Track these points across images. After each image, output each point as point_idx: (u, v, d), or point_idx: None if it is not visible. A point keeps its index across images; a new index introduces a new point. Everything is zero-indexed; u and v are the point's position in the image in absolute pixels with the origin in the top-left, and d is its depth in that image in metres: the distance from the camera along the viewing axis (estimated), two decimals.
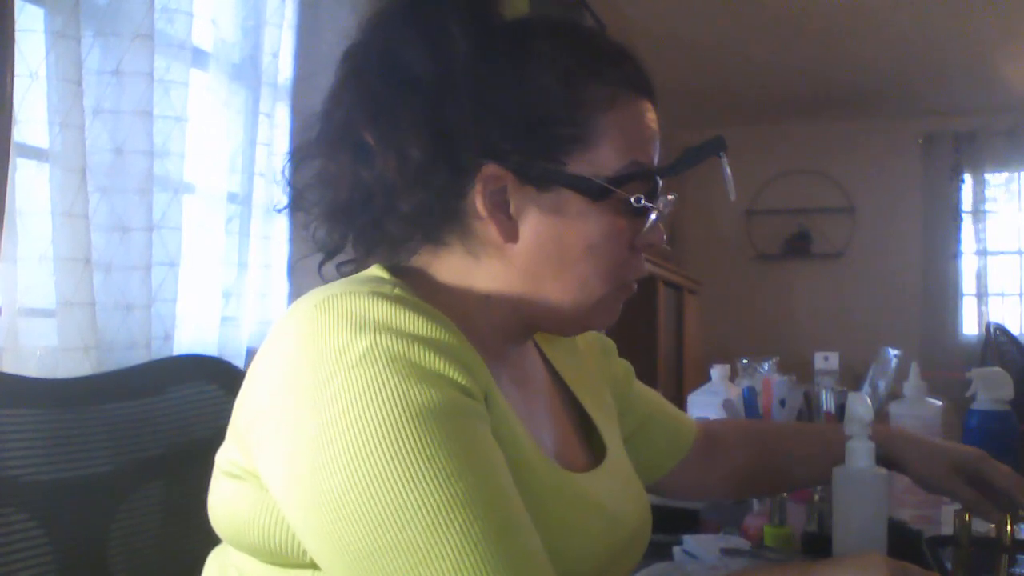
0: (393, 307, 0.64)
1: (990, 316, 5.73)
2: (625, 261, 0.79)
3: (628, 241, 0.78)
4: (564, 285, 0.77)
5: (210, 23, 1.68)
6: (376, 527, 0.57)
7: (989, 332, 5.11)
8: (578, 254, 0.76)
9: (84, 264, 1.33)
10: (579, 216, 0.75)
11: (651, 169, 0.79)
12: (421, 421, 0.59)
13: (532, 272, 0.76)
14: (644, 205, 0.77)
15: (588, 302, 0.78)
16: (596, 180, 0.75)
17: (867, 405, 1.00)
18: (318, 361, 0.61)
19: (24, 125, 1.30)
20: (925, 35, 4.50)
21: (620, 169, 0.76)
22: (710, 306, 5.05)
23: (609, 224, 0.76)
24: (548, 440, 0.82)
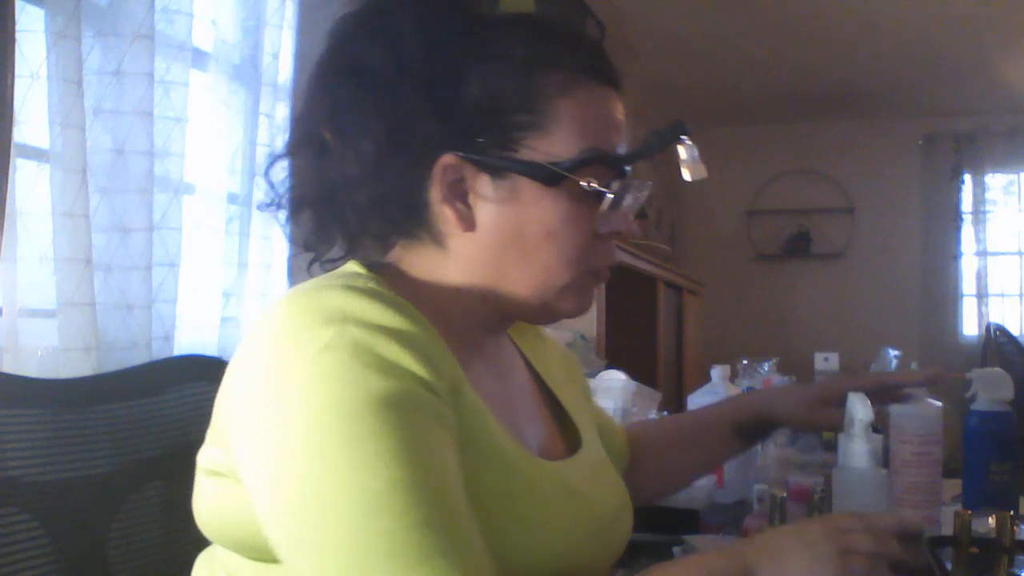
0: (362, 299, 0.66)
1: (990, 317, 5.73)
2: (589, 247, 0.79)
3: (590, 227, 0.78)
4: (527, 272, 0.78)
5: (210, 24, 1.68)
6: (322, 508, 0.59)
7: (989, 333, 5.11)
8: (538, 241, 0.77)
9: (84, 264, 1.33)
10: (535, 202, 0.76)
11: (608, 154, 0.78)
12: (376, 409, 0.61)
13: (496, 260, 0.78)
14: (596, 189, 0.77)
15: (553, 289, 0.79)
16: (548, 165, 0.75)
17: (867, 405, 1.00)
18: (284, 352, 0.63)
19: (24, 125, 1.30)
20: (925, 35, 4.50)
21: (575, 155, 0.76)
22: (710, 306, 5.06)
23: (567, 210, 0.77)
24: (530, 429, 0.83)
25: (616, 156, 0.79)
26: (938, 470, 1.32)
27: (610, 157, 0.78)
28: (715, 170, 6.29)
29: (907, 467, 1.30)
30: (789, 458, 1.51)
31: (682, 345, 4.10)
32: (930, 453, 1.31)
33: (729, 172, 6.26)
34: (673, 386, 3.84)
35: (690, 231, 6.29)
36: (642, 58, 4.81)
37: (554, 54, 0.77)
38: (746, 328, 5.81)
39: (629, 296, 3.27)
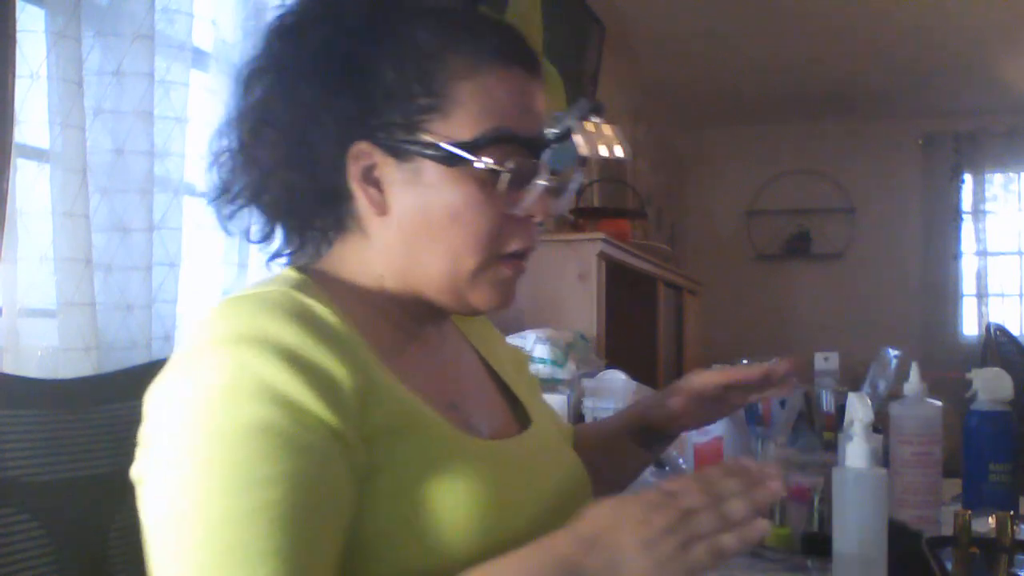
0: (271, 316, 0.68)
1: (990, 316, 5.73)
2: (498, 230, 0.79)
3: (496, 209, 0.78)
4: (436, 256, 0.79)
5: (210, 24, 1.68)
6: (178, 528, 0.62)
7: (989, 332, 5.10)
8: (444, 222, 0.78)
9: (85, 264, 1.33)
10: (439, 184, 0.77)
11: (509, 135, 0.78)
12: (245, 438, 0.63)
13: (409, 245, 0.79)
14: (490, 168, 0.76)
15: (463, 273, 0.79)
16: (446, 146, 0.76)
17: (867, 405, 1.00)
18: (180, 370, 0.67)
19: (24, 126, 1.30)
20: (926, 35, 4.50)
21: (474, 135, 0.77)
22: (710, 306, 5.05)
23: (471, 192, 0.77)
24: (479, 411, 0.85)
25: (517, 136, 0.78)
26: (938, 470, 1.32)
27: (510, 137, 0.78)
28: (715, 170, 6.32)
29: (907, 467, 1.30)
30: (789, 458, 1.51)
31: (682, 345, 4.10)
32: (930, 453, 1.31)
33: (729, 172, 6.26)
34: None
35: (690, 231, 6.29)
36: (642, 58, 4.81)
37: (458, 39, 0.79)
38: (746, 328, 5.80)
39: (629, 296, 3.27)
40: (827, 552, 0.99)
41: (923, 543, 1.01)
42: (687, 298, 4.18)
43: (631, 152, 0.78)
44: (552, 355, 2.24)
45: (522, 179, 0.79)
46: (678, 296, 4.03)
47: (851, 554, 0.94)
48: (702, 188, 6.35)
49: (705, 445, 1.64)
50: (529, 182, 0.79)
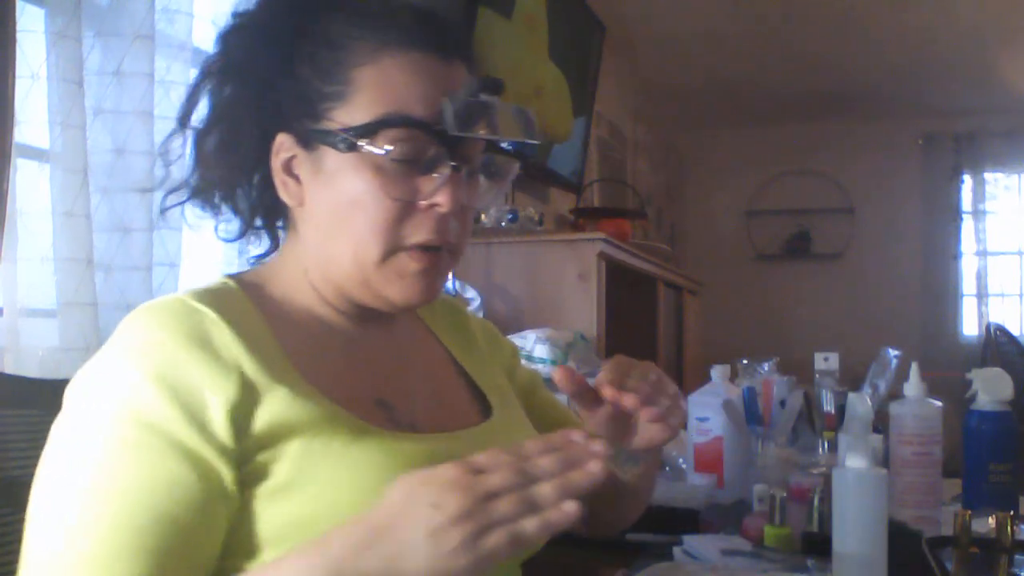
0: (160, 332, 0.71)
1: (990, 316, 5.73)
2: (397, 220, 0.77)
3: (397, 196, 0.76)
4: (343, 246, 0.78)
5: (210, 24, 1.68)
6: (38, 514, 0.68)
7: (989, 333, 5.11)
8: (347, 210, 0.77)
9: (85, 264, 1.33)
10: (339, 172, 0.78)
11: (405, 118, 0.76)
12: (104, 448, 0.67)
13: (321, 236, 0.80)
14: (371, 152, 0.76)
15: (368, 265, 0.78)
16: (341, 132, 0.76)
17: (867, 405, 1.00)
18: (81, 375, 0.72)
19: (25, 126, 1.31)
20: (925, 35, 4.50)
21: (368, 120, 0.76)
22: (710, 306, 5.05)
23: (367, 179, 0.76)
24: (420, 407, 0.83)
25: (411, 119, 0.76)
26: (938, 470, 1.32)
27: (404, 121, 0.76)
28: (715, 170, 6.31)
29: (907, 467, 1.30)
30: (789, 458, 1.51)
31: (682, 345, 4.09)
32: (930, 453, 1.31)
33: (729, 172, 6.26)
34: None
35: (690, 231, 6.29)
36: (642, 58, 4.81)
37: (363, 26, 0.79)
38: (746, 328, 5.80)
39: (629, 296, 3.27)
40: (827, 552, 1.00)
41: (923, 543, 1.01)
42: (687, 298, 4.18)
43: (543, 137, 0.73)
44: (552, 355, 2.24)
45: (423, 166, 0.77)
46: (678, 296, 4.03)
47: (851, 554, 0.94)
48: (702, 188, 6.35)
49: (705, 445, 1.65)
50: (433, 169, 0.77)
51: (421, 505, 0.60)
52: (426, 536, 0.59)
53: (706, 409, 1.65)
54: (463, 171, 0.78)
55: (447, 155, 0.77)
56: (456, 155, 0.77)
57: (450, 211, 0.77)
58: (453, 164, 0.77)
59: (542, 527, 0.60)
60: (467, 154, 0.79)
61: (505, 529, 0.59)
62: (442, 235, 0.78)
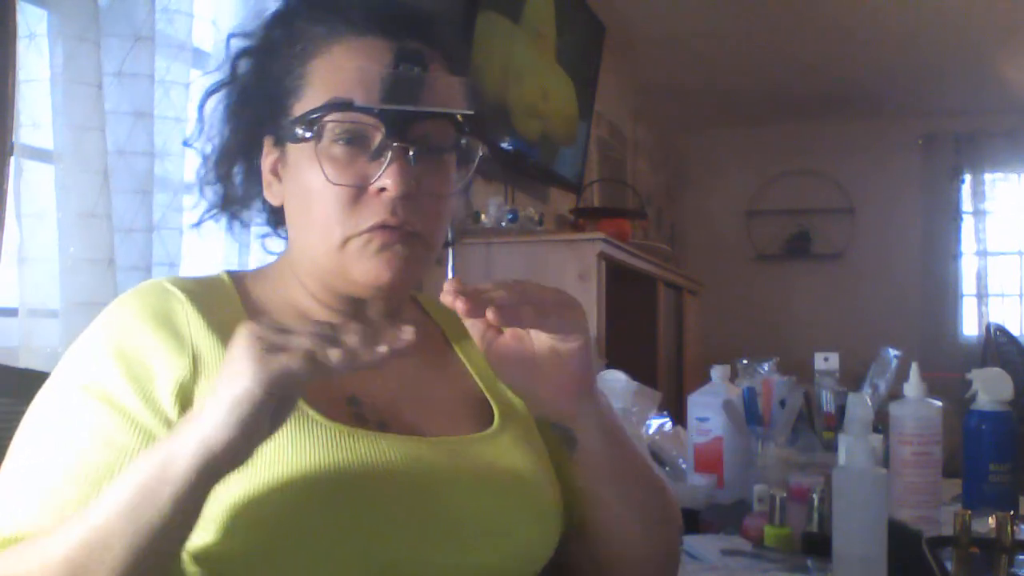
0: (123, 318, 0.75)
1: (990, 317, 5.73)
2: (352, 205, 0.76)
3: (346, 182, 0.76)
4: (309, 235, 0.79)
5: (210, 24, 1.68)
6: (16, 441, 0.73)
7: (989, 333, 5.11)
8: (305, 200, 0.79)
9: (88, 264, 1.33)
10: (297, 163, 0.79)
11: (345, 103, 0.75)
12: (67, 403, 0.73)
13: (295, 228, 0.82)
14: (332, 137, 0.76)
15: (332, 249, 0.77)
16: (292, 124, 0.78)
17: (867, 406, 1.00)
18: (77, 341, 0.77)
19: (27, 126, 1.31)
20: (925, 35, 4.50)
21: (312, 108, 0.77)
22: (710, 306, 5.05)
23: (319, 167, 0.76)
24: (387, 404, 0.80)
25: (351, 104, 0.75)
26: (938, 470, 1.32)
27: (345, 106, 0.75)
28: (715, 170, 6.31)
29: (907, 467, 1.31)
30: (789, 458, 1.51)
31: (682, 345, 4.09)
32: (930, 453, 1.31)
33: (729, 172, 6.26)
34: (673, 386, 3.84)
35: (690, 231, 6.29)
36: (642, 58, 4.81)
37: (319, 19, 0.80)
38: (746, 328, 5.80)
39: (629, 296, 3.27)
40: (827, 552, 1.00)
41: (923, 543, 1.01)
42: (687, 298, 4.18)
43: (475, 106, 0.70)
44: None
45: (373, 152, 0.76)
46: (678, 296, 4.03)
47: (851, 554, 0.94)
48: (702, 188, 6.35)
49: (705, 445, 1.65)
50: (381, 154, 0.76)
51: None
52: (224, 379, 0.61)
53: (706, 409, 1.65)
54: (410, 152, 0.76)
55: (388, 135, 0.76)
56: (398, 135, 0.76)
57: (398, 194, 0.75)
58: (395, 144, 0.75)
59: (344, 355, 0.60)
60: (414, 135, 0.76)
61: (299, 351, 0.60)
62: (396, 217, 0.76)
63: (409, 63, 0.77)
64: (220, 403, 0.60)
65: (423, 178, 0.77)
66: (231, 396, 0.59)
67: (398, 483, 0.74)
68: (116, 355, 0.73)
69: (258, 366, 0.59)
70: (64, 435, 0.71)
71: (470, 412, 0.87)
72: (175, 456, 0.61)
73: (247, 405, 0.59)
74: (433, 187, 0.79)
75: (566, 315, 0.75)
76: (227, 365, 0.61)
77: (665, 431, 1.81)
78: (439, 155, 0.80)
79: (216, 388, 0.61)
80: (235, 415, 0.59)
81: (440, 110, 0.77)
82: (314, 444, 0.72)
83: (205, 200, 0.88)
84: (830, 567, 0.98)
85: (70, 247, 1.32)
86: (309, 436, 0.73)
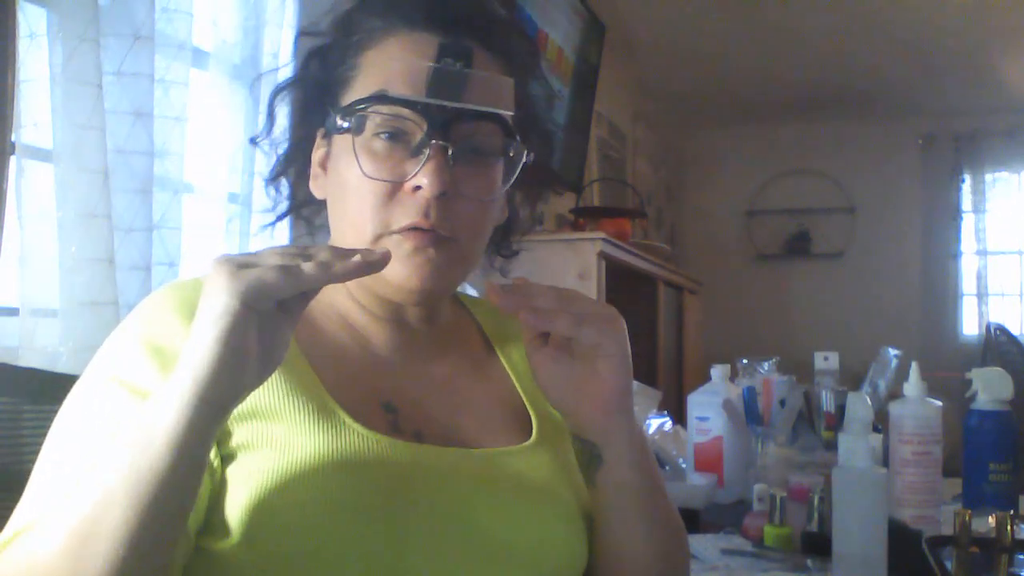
0: (157, 311, 0.74)
1: (990, 316, 5.73)
2: (387, 201, 0.74)
3: (382, 177, 0.74)
4: (345, 229, 0.77)
5: (210, 23, 1.68)
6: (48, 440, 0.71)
7: (989, 332, 5.10)
8: (343, 194, 0.77)
9: (88, 264, 1.33)
10: (339, 156, 0.78)
11: (386, 96, 0.74)
12: (94, 393, 0.71)
13: (333, 221, 0.80)
14: (340, 126, 0.75)
15: (366, 244, 0.74)
16: (333, 112, 0.77)
17: (867, 405, 1.00)
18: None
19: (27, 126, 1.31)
20: (925, 35, 4.50)
21: (354, 100, 0.76)
22: (710, 306, 5.05)
23: (358, 161, 0.74)
24: (423, 413, 0.78)
25: (390, 97, 0.74)
26: (938, 470, 1.32)
27: (385, 98, 0.74)
28: (715, 170, 6.31)
29: (907, 467, 1.31)
30: (789, 458, 1.51)
31: (682, 345, 4.10)
32: (930, 453, 1.31)
33: (729, 172, 6.26)
34: (673, 386, 3.84)
35: (690, 231, 6.29)
36: (642, 58, 4.81)
37: (375, 11, 0.80)
38: (746, 328, 5.80)
39: (629, 296, 3.27)
40: (827, 552, 1.00)
41: (923, 543, 1.01)
42: (687, 298, 4.18)
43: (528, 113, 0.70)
44: None
45: (413, 148, 0.74)
46: (678, 296, 4.03)
47: (851, 554, 0.95)
48: (702, 188, 6.35)
49: (705, 445, 1.65)
50: (421, 151, 0.74)
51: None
52: (202, 307, 0.60)
53: (706, 409, 1.66)
54: (449, 151, 0.73)
55: (428, 132, 0.73)
56: (440, 133, 0.73)
57: (433, 194, 0.73)
58: (434, 142, 0.73)
59: (316, 266, 0.60)
60: (456, 135, 0.74)
61: (272, 264, 0.60)
62: (428, 219, 0.73)
63: (453, 58, 0.75)
64: (201, 328, 0.59)
65: (463, 180, 0.75)
66: (210, 315, 0.59)
67: (431, 496, 0.72)
68: (146, 347, 0.71)
69: (232, 280, 0.58)
70: (93, 426, 0.69)
71: (508, 421, 0.84)
72: (165, 398, 0.60)
73: (226, 319, 0.58)
74: (472, 191, 0.76)
75: (605, 327, 0.73)
76: (205, 296, 0.60)
77: (665, 431, 1.81)
78: (483, 158, 0.77)
79: (196, 318, 0.60)
80: (215, 332, 0.58)
81: (477, 107, 0.74)
82: (348, 451, 0.71)
83: (271, 199, 0.87)
84: (830, 567, 0.98)
85: (70, 247, 1.32)
86: (343, 442, 0.71)
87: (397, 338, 0.82)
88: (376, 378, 0.79)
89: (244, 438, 0.70)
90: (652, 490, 0.81)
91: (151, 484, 0.59)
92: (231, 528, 0.67)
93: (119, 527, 0.59)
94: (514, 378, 0.88)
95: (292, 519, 0.67)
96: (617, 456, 0.77)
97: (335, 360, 0.78)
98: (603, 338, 0.73)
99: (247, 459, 0.69)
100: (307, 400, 0.72)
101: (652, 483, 0.81)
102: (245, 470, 0.69)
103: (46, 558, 0.60)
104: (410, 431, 0.76)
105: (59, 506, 0.62)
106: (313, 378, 0.74)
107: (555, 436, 0.84)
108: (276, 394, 0.72)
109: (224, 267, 0.59)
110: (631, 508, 0.80)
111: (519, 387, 0.87)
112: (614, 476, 0.78)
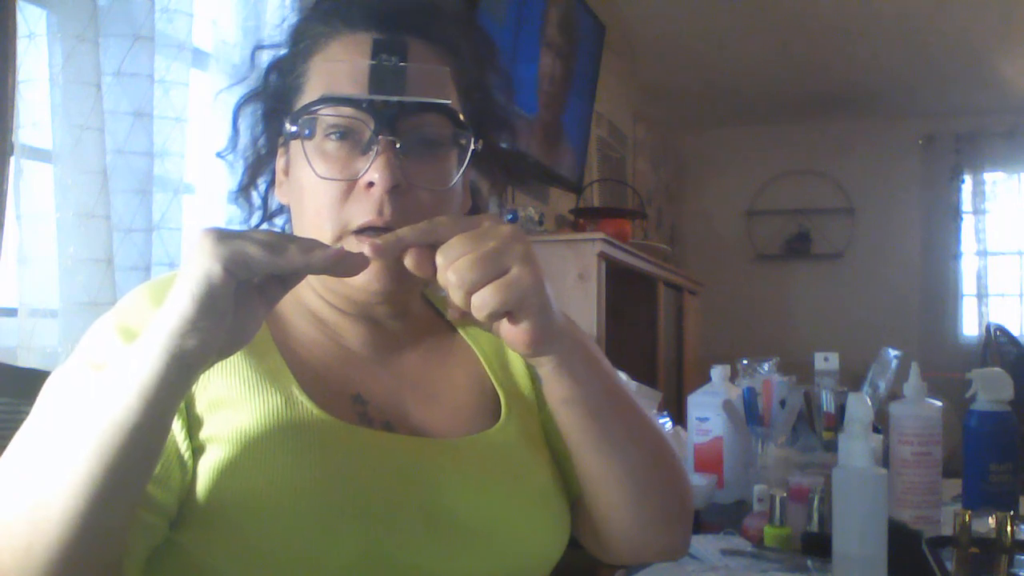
0: (136, 301, 0.75)
1: (990, 317, 5.73)
2: (342, 200, 0.75)
3: (335, 176, 0.75)
4: (307, 230, 0.77)
5: (210, 24, 1.68)
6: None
7: (989, 333, 5.11)
8: (302, 195, 0.78)
9: (87, 264, 1.33)
10: (294, 161, 0.79)
11: (333, 97, 0.75)
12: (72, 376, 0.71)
13: (295, 226, 0.81)
14: (293, 132, 0.76)
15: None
16: (286, 122, 0.78)
17: (867, 406, 1.00)
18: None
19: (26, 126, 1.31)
20: (925, 35, 4.50)
21: (303, 105, 0.77)
22: (710, 306, 5.06)
23: (310, 163, 0.75)
24: (392, 404, 0.79)
25: (336, 98, 0.75)
26: (938, 470, 1.32)
27: (332, 100, 0.75)
28: (715, 170, 6.31)
29: (907, 467, 1.30)
30: (789, 458, 1.51)
31: (682, 345, 4.09)
32: (930, 453, 1.31)
33: (729, 172, 6.26)
34: (673, 386, 3.84)
35: (690, 231, 6.29)
36: (642, 58, 4.81)
37: (318, 18, 0.81)
38: (746, 328, 5.80)
39: (629, 296, 3.27)
40: (827, 552, 0.99)
41: (923, 543, 1.01)
42: (687, 298, 4.18)
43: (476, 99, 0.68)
44: None
45: (363, 146, 0.75)
46: (678, 296, 4.03)
47: (851, 554, 0.94)
48: (702, 188, 6.35)
49: (705, 445, 1.65)
50: (370, 148, 0.74)
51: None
52: (183, 268, 0.61)
53: (706, 409, 1.65)
54: (397, 145, 0.74)
55: (375, 128, 0.74)
56: (386, 128, 0.74)
57: (385, 188, 0.73)
58: (382, 137, 0.73)
59: (299, 249, 0.61)
60: (403, 128, 0.74)
61: (256, 239, 0.61)
62: (383, 216, 0.74)
63: (389, 53, 0.75)
64: (180, 286, 0.60)
65: (415, 173, 0.75)
66: (190, 275, 0.59)
67: (403, 486, 0.73)
68: (117, 329, 0.72)
69: (217, 245, 0.59)
70: (60, 406, 0.69)
71: (477, 405, 0.85)
72: (135, 350, 0.61)
73: (204, 281, 0.59)
74: (425, 181, 0.76)
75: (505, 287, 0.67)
76: (187, 261, 0.61)
77: (665, 431, 1.81)
78: (433, 149, 0.78)
79: (176, 279, 0.61)
80: (194, 288, 0.59)
81: (415, 99, 0.75)
82: (317, 441, 0.72)
83: (243, 211, 0.89)
84: (830, 567, 0.98)
85: (69, 247, 1.32)
86: (310, 432, 0.72)
87: (367, 334, 0.84)
88: (347, 371, 0.81)
89: (212, 430, 0.71)
90: (609, 404, 0.79)
91: (120, 430, 0.60)
92: (201, 519, 0.68)
93: (82, 474, 0.60)
94: (482, 359, 0.89)
95: (259, 510, 0.68)
96: (555, 372, 0.75)
97: (307, 354, 0.80)
98: (507, 295, 0.67)
99: (214, 450, 0.70)
100: (276, 391, 0.74)
101: (605, 396, 0.79)
102: (213, 461, 0.70)
103: (4, 504, 0.62)
104: (380, 422, 0.77)
105: (22, 461, 0.64)
106: (285, 370, 0.76)
107: (524, 411, 0.86)
108: (246, 384, 0.73)
109: (210, 234, 0.60)
110: (588, 426, 0.78)
111: (487, 368, 0.88)
112: (557, 392, 0.76)
